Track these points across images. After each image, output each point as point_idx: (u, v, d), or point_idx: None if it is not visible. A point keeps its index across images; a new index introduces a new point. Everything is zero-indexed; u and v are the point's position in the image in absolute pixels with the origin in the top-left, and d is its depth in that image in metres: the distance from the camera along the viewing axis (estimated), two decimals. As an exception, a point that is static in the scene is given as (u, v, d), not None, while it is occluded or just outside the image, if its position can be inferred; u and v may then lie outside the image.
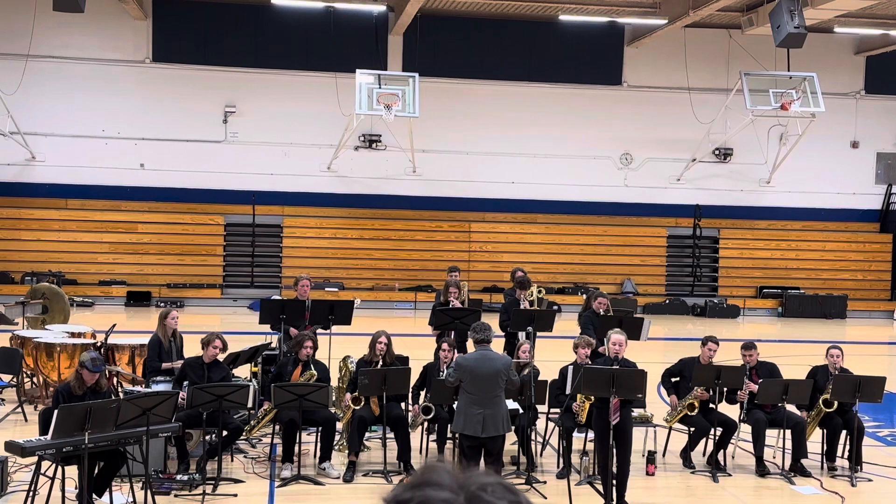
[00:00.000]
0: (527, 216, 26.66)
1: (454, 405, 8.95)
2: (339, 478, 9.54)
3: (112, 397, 8.81)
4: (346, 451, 9.96)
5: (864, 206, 28.22)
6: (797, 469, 10.15)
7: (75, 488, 8.11)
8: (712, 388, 10.23)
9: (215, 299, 24.84)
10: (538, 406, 10.15)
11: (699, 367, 10.35)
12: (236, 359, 10.92)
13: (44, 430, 8.20)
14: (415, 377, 10.36)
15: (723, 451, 10.31)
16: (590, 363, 9.61)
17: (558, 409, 10.17)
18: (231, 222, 25.65)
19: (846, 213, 28.07)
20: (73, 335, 12.81)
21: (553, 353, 12.82)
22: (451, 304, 12.14)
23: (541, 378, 10.16)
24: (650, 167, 27.06)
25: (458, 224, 26.35)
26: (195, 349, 10.27)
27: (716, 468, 10.10)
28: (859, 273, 27.92)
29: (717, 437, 10.23)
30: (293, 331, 11.40)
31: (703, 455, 10.47)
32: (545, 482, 9.58)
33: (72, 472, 8.14)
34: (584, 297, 12.90)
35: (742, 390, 10.29)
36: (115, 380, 11.43)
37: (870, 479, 10.12)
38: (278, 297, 16.98)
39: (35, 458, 8.03)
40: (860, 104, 27.78)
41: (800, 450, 10.21)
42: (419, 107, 22.49)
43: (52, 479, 8.12)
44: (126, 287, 24.42)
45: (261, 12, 25.01)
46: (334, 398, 10.30)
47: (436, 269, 24.66)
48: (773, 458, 10.53)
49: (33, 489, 8.13)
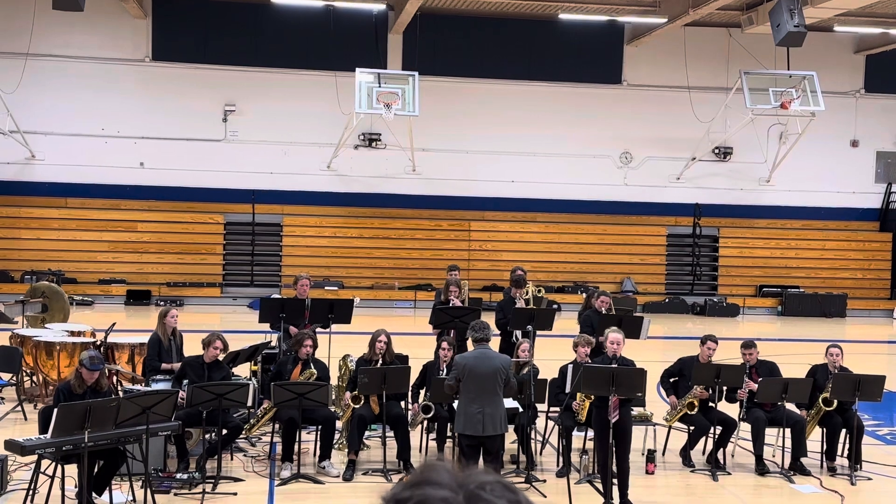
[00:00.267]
0: (526, 215, 26.65)
1: (454, 404, 8.95)
2: (338, 476, 9.54)
3: (112, 396, 8.81)
4: (346, 450, 9.96)
5: (864, 204, 28.22)
6: (797, 468, 10.15)
7: (75, 487, 8.11)
8: (712, 386, 10.23)
9: (215, 298, 24.83)
10: (538, 405, 10.16)
11: (699, 366, 10.35)
12: (236, 357, 10.92)
13: (44, 429, 8.20)
14: (414, 376, 10.36)
15: (722, 449, 10.31)
16: (589, 362, 9.61)
17: (558, 408, 10.18)
18: (231, 221, 25.65)
19: (846, 212, 28.07)
20: (72, 334, 12.82)
21: (553, 352, 12.82)
22: (451, 302, 12.13)
23: (540, 377, 10.17)
24: (650, 166, 27.05)
25: (458, 223, 26.35)
26: (195, 348, 10.27)
27: (715, 467, 10.10)
28: (859, 272, 27.93)
29: (716, 436, 10.23)
30: (293, 329, 11.40)
31: (703, 454, 10.47)
32: (545, 481, 9.58)
33: (71, 470, 8.13)
34: (584, 295, 12.91)
35: (742, 389, 10.29)
36: (114, 378, 11.43)
37: (869, 478, 10.12)
38: (278, 296, 16.95)
39: (35, 457, 8.04)
40: (860, 103, 27.78)
41: (799, 448, 10.21)
42: (419, 106, 22.49)
43: (52, 477, 8.12)
44: (126, 286, 24.42)
45: (260, 11, 25.00)
46: (334, 397, 10.29)
47: (435, 268, 24.65)
48: (773, 456, 10.54)
49: (33, 488, 8.13)
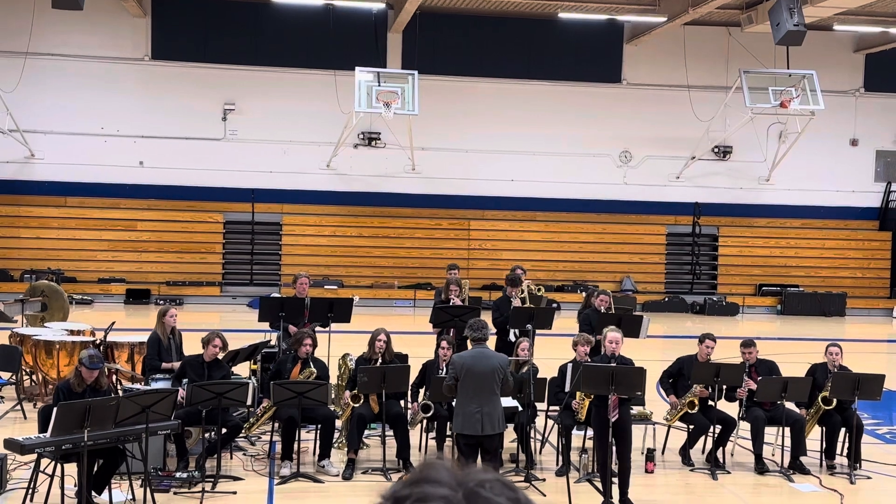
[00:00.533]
0: (526, 214, 26.65)
1: (453, 403, 8.95)
2: (338, 475, 9.54)
3: (111, 395, 8.81)
4: (346, 449, 9.96)
5: (864, 203, 28.22)
6: (796, 466, 10.15)
7: (75, 486, 8.11)
8: (711, 385, 10.23)
9: (214, 297, 24.83)
10: (537, 404, 10.16)
11: (698, 365, 10.35)
12: (235, 356, 10.92)
13: (43, 428, 8.20)
14: (414, 375, 10.36)
15: (722, 448, 10.32)
16: (589, 361, 9.61)
17: (557, 407, 10.18)
18: (230, 220, 25.65)
19: (845, 211, 28.06)
20: (72, 333, 12.82)
21: (552, 351, 12.82)
22: (451, 301, 12.11)
23: (540, 376, 10.17)
24: (649, 165, 27.05)
25: (458, 222, 26.35)
26: (194, 347, 10.27)
27: (715, 466, 10.10)
28: (858, 271, 27.93)
29: (716, 435, 10.24)
30: (292, 328, 11.40)
31: (703, 453, 10.47)
32: (544, 479, 9.58)
33: (71, 469, 8.13)
34: (584, 294, 12.91)
35: (741, 388, 10.29)
36: (114, 377, 11.43)
37: (868, 477, 10.12)
38: (277, 295, 16.96)
39: (34, 456, 8.04)
40: (859, 102, 27.77)
41: (799, 447, 10.21)
42: (418, 104, 22.48)
43: (52, 476, 8.12)
44: (125, 285, 24.42)
45: (260, 10, 24.99)
46: (333, 396, 10.30)
47: (435, 267, 24.64)
48: (773, 455, 10.54)
49: (33, 487, 8.14)
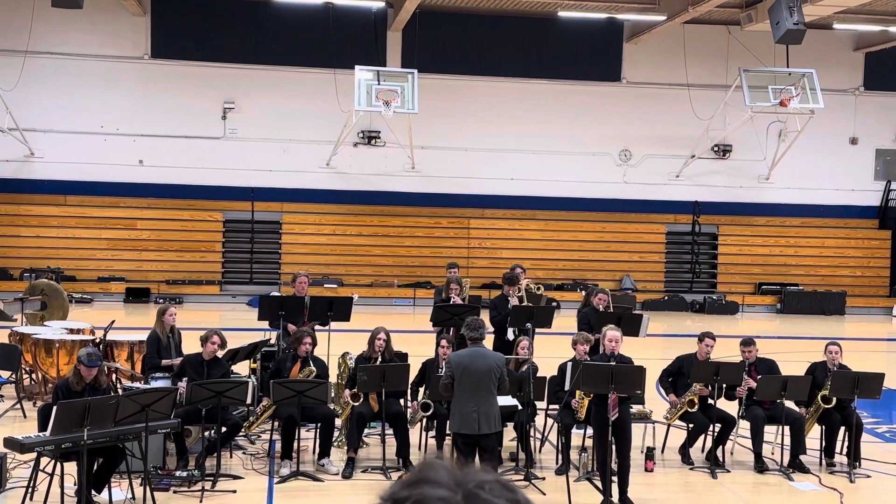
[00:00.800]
0: (525, 213, 26.64)
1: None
2: (338, 474, 9.54)
3: (111, 394, 8.80)
4: (345, 448, 9.97)
5: (863, 202, 28.20)
6: (796, 465, 10.16)
7: (74, 484, 8.11)
8: (711, 384, 10.23)
9: (214, 296, 24.82)
10: (537, 402, 10.16)
11: (698, 364, 10.35)
12: (235, 355, 10.92)
13: (43, 427, 8.20)
14: (414, 373, 10.36)
15: (721, 447, 10.32)
16: (588, 360, 9.61)
17: (557, 406, 10.18)
18: (230, 219, 25.64)
19: (845, 210, 28.05)
20: (71, 331, 12.82)
21: (552, 350, 12.82)
22: (451, 300, 12.10)
23: (540, 374, 10.17)
24: (649, 164, 27.04)
25: (457, 220, 26.34)
26: (194, 346, 10.27)
27: (714, 464, 10.11)
28: (858, 269, 27.93)
29: (715, 434, 10.24)
30: (291, 327, 11.39)
31: (702, 451, 10.47)
32: (544, 478, 9.59)
33: (71, 468, 8.13)
34: (584, 293, 12.90)
35: (741, 387, 10.29)
36: (113, 376, 11.43)
37: (868, 476, 10.13)
38: (277, 294, 16.97)
39: (34, 455, 8.05)
40: (859, 101, 27.76)
41: (798, 446, 10.21)
42: (418, 103, 22.46)
43: (51, 475, 8.12)
44: (125, 283, 24.41)
45: (260, 8, 24.98)
46: (333, 394, 10.30)
47: (435, 266, 24.64)
48: (772, 454, 10.54)
49: (32, 485, 8.14)
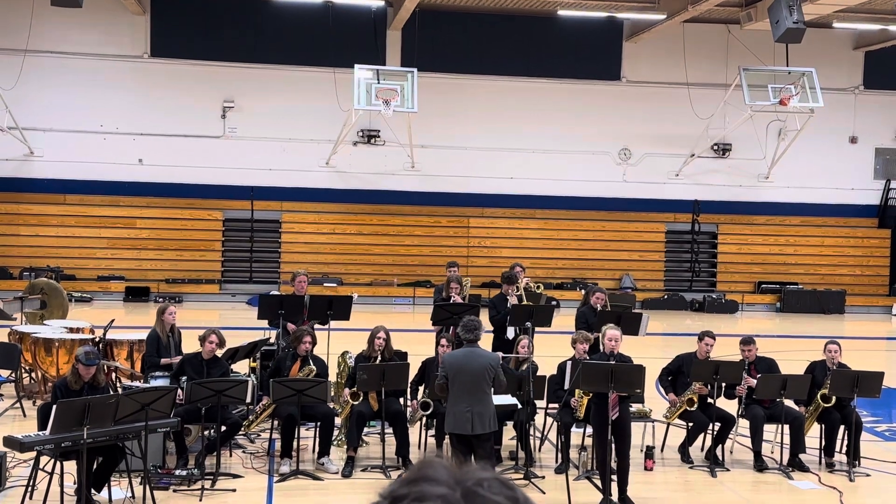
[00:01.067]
0: (525, 211, 26.65)
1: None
2: (337, 473, 9.54)
3: (110, 392, 8.80)
4: (345, 447, 9.97)
5: (863, 201, 28.21)
6: (795, 464, 10.16)
7: (74, 483, 8.12)
8: (711, 383, 10.24)
9: (214, 295, 24.82)
10: (537, 401, 10.17)
11: (698, 363, 10.35)
12: (235, 354, 10.93)
13: (42, 426, 8.20)
14: (413, 372, 10.36)
15: (721, 446, 10.32)
16: (588, 358, 9.61)
17: (557, 405, 10.18)
18: (229, 218, 25.64)
19: (844, 209, 28.05)
20: (71, 330, 12.80)
21: (551, 349, 12.82)
22: (452, 299, 12.08)
23: (539, 373, 10.17)
24: (649, 162, 27.04)
25: (457, 219, 26.34)
26: (194, 344, 10.27)
27: (714, 463, 10.11)
28: (857, 268, 27.93)
29: (715, 432, 10.24)
30: (291, 326, 11.39)
31: (702, 450, 10.47)
32: (543, 477, 9.59)
33: (70, 467, 8.13)
34: (583, 292, 12.90)
35: (740, 385, 10.30)
36: (113, 375, 11.43)
37: (867, 474, 10.13)
38: (277, 293, 16.97)
39: (34, 454, 8.05)
40: (859, 99, 27.76)
41: (798, 445, 10.21)
42: (418, 102, 22.45)
43: (51, 474, 8.12)
44: (124, 282, 24.41)
45: (259, 7, 24.97)
46: (333, 393, 10.30)
47: (434, 265, 24.64)
48: (772, 452, 10.54)
49: (32, 484, 8.14)
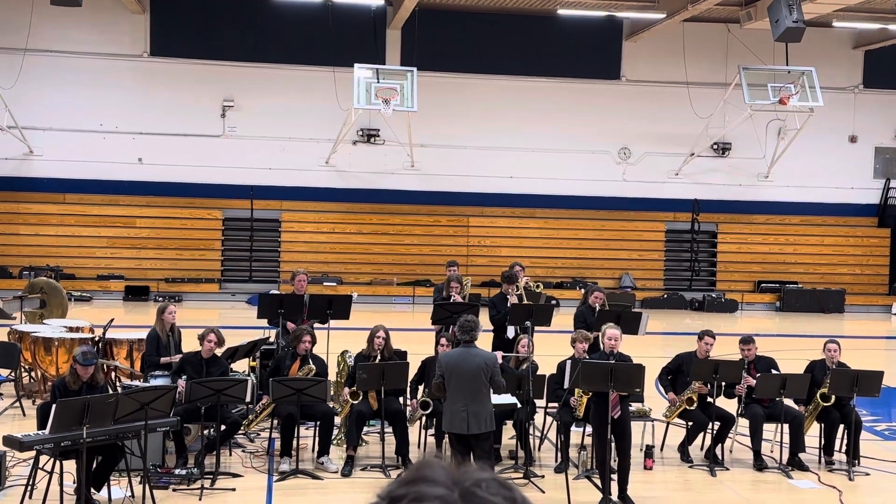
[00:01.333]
0: (525, 211, 26.65)
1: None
2: (337, 472, 9.55)
3: (109, 391, 8.80)
4: (345, 446, 9.98)
5: (862, 200, 28.21)
6: (795, 463, 10.16)
7: (73, 482, 8.12)
8: (710, 382, 10.24)
9: (213, 294, 24.82)
10: (536, 400, 10.17)
11: (697, 362, 10.35)
12: (234, 353, 10.93)
13: (42, 425, 8.20)
14: (413, 372, 10.36)
15: (720, 445, 10.33)
16: (587, 357, 9.61)
17: (556, 404, 10.18)
18: (229, 217, 25.64)
19: (844, 208, 28.05)
20: (71, 330, 12.80)
21: (551, 348, 12.82)
22: (452, 298, 12.06)
23: (539, 372, 10.18)
24: (648, 162, 27.04)
25: (457, 218, 26.34)
26: (193, 344, 10.28)
27: (713, 462, 10.11)
28: (857, 267, 27.93)
29: (714, 432, 10.24)
30: (290, 325, 11.39)
31: (701, 449, 10.47)
32: (543, 476, 9.59)
33: (70, 466, 8.14)
34: (583, 291, 12.91)
35: (740, 385, 10.30)
36: (112, 374, 11.43)
37: (867, 474, 10.14)
38: (276, 292, 16.99)
39: (33, 453, 8.05)
40: (858, 98, 27.76)
41: (797, 444, 10.22)
42: (417, 101, 22.45)
43: (51, 473, 8.11)
44: (124, 281, 24.41)
45: (259, 6, 24.97)
46: (332, 392, 10.30)
47: (434, 264, 24.64)
48: (771, 452, 10.54)
49: (32, 483, 8.15)
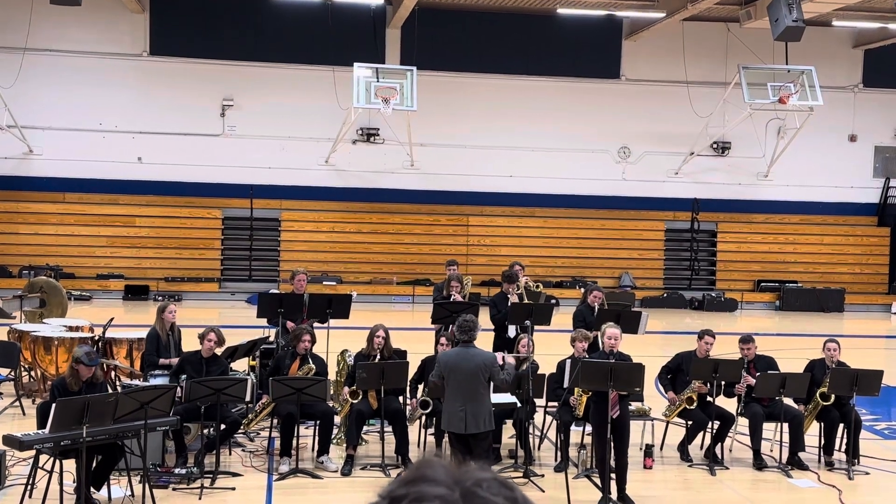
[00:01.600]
0: (525, 210, 26.64)
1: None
2: (337, 471, 9.55)
3: (109, 390, 8.80)
4: (345, 445, 9.98)
5: (862, 199, 28.21)
6: (794, 462, 10.16)
7: (73, 482, 8.12)
8: (710, 381, 10.24)
9: (213, 293, 24.82)
10: (536, 400, 10.17)
11: (697, 361, 10.35)
12: (234, 352, 10.93)
13: (42, 424, 8.20)
14: (413, 371, 10.36)
15: (720, 444, 10.33)
16: (587, 357, 9.61)
17: (556, 403, 10.18)
18: (229, 216, 25.63)
19: (844, 207, 28.05)
20: (70, 329, 12.80)
21: (551, 347, 12.82)
22: (452, 297, 12.06)
23: (539, 372, 10.17)
24: (648, 161, 27.04)
25: (456, 218, 26.33)
26: (193, 343, 10.28)
27: (713, 461, 10.11)
28: (857, 267, 27.94)
29: (714, 431, 10.24)
30: (290, 324, 11.39)
31: (701, 448, 10.47)
32: (543, 475, 9.59)
33: (70, 465, 8.14)
34: (582, 290, 12.91)
35: (740, 384, 10.30)
36: (112, 373, 11.43)
37: (867, 473, 10.14)
38: (276, 291, 16.99)
39: (33, 452, 8.05)
40: (858, 98, 27.76)
41: (797, 443, 10.22)
42: (417, 100, 22.45)
43: (51, 472, 8.11)
44: (124, 281, 24.40)
45: (258, 5, 24.96)
46: (332, 392, 10.30)
47: (434, 263, 24.63)
48: (771, 451, 10.54)
49: (31, 483, 8.15)
